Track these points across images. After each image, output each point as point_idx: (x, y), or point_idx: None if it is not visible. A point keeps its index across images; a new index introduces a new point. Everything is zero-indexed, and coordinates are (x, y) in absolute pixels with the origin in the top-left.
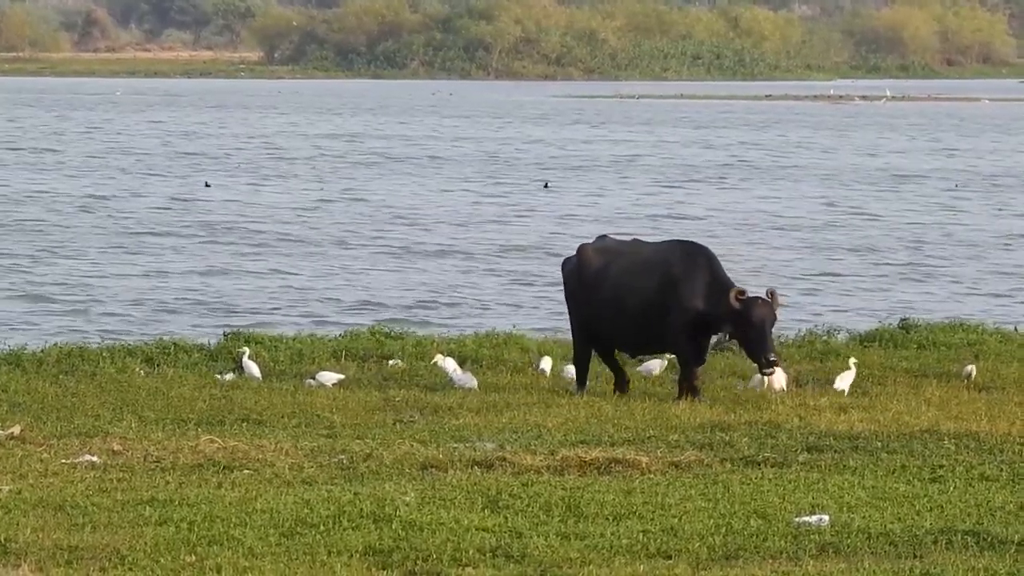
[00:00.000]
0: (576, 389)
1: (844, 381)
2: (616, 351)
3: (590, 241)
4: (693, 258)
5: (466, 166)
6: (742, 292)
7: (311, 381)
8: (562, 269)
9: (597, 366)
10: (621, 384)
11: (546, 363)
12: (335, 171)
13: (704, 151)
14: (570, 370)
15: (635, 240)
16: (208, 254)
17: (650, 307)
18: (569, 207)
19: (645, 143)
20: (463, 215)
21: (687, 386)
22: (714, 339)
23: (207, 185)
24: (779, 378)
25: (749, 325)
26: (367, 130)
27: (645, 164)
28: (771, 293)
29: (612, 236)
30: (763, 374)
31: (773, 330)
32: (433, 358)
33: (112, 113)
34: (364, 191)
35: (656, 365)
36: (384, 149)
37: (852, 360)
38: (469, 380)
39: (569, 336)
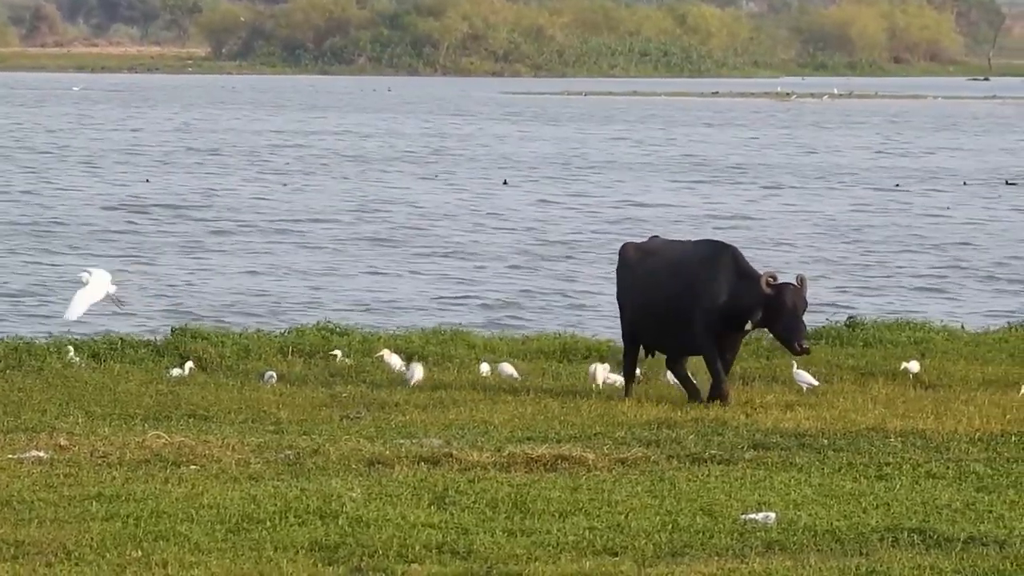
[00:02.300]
0: (624, 394)
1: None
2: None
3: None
4: (716, 257)
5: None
6: (773, 277)
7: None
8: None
9: (538, 364)
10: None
11: (484, 367)
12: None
13: (655, 148)
14: (505, 368)
15: (678, 241)
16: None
17: (674, 308)
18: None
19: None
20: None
21: (719, 390)
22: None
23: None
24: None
25: (781, 310)
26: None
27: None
28: (801, 279)
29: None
30: (797, 357)
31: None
32: (379, 353)
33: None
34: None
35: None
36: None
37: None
38: (415, 371)
39: (509, 334)
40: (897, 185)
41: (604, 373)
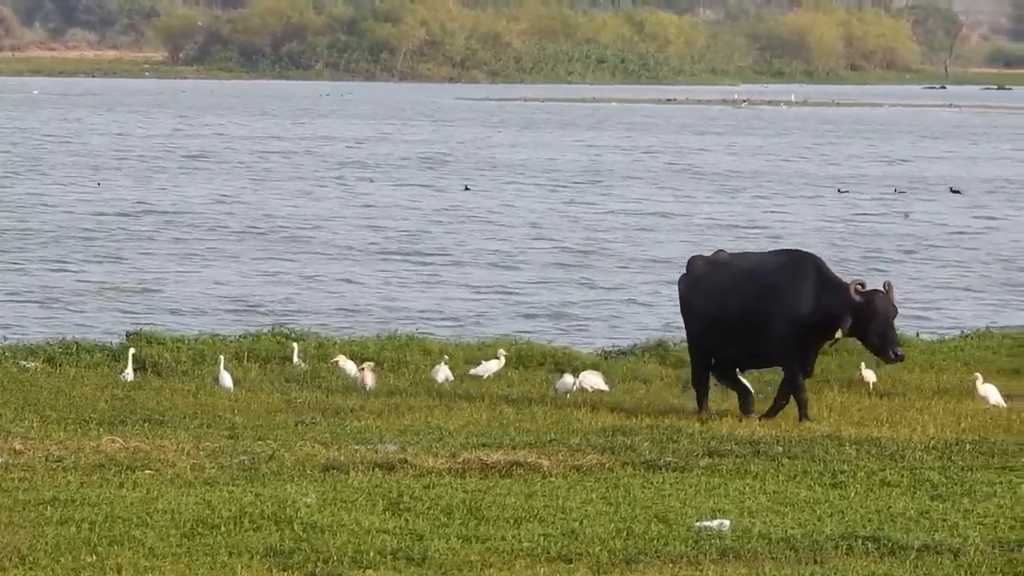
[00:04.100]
0: (697, 408)
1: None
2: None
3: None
4: (796, 265)
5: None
6: (862, 284)
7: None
8: (678, 283)
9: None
10: (745, 404)
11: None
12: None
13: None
14: (440, 371)
15: (747, 253)
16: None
17: (751, 317)
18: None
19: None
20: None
21: (785, 401)
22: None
23: (98, 184)
24: (594, 380)
25: (873, 318)
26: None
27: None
28: (888, 285)
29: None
30: (890, 363)
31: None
32: (335, 358)
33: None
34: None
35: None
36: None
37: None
38: (367, 380)
39: (468, 340)
40: (840, 190)
41: (573, 381)
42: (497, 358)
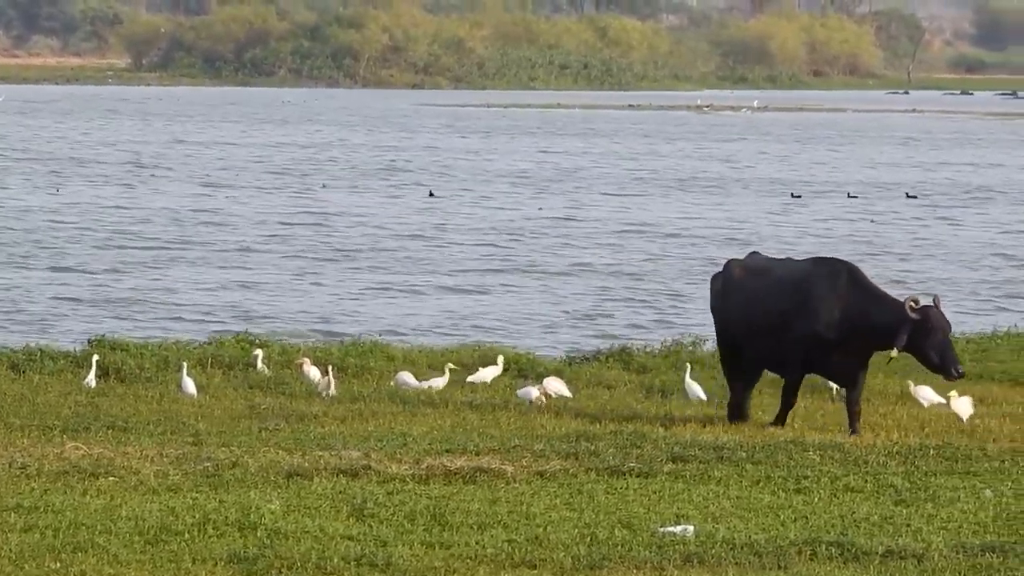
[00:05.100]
0: (728, 415)
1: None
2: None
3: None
4: (830, 274)
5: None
6: (916, 300)
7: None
8: (711, 284)
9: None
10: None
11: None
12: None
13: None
14: (402, 377)
15: (785, 259)
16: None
17: (779, 326)
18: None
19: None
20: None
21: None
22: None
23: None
24: (557, 386)
25: (931, 334)
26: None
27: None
28: (937, 300)
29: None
30: (951, 380)
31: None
32: (299, 360)
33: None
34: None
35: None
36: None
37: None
38: (328, 386)
39: (429, 346)
40: (794, 194)
41: (538, 391)
42: (495, 364)
